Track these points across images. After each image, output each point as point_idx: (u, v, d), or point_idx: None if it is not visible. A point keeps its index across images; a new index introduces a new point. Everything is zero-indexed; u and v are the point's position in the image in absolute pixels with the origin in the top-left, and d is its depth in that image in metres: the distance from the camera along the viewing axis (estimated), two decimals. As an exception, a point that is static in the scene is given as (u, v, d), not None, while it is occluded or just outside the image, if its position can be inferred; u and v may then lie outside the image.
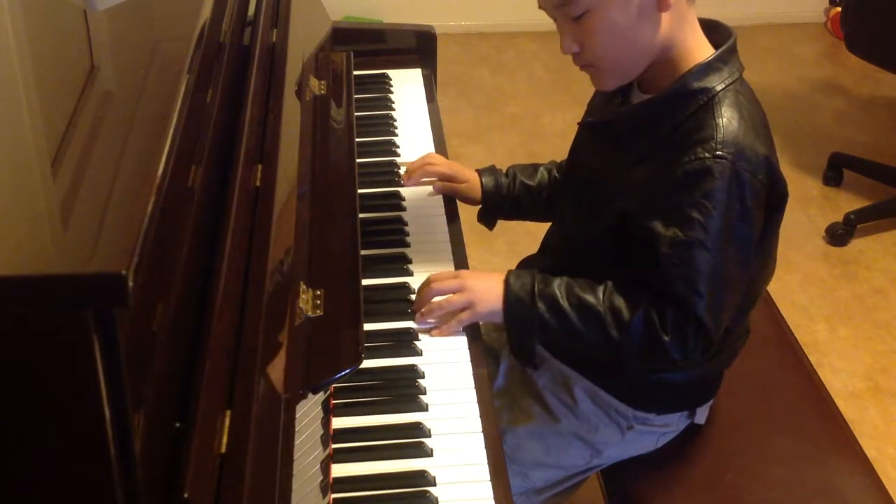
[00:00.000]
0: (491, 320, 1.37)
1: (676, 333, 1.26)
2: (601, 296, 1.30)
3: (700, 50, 1.30)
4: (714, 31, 1.34)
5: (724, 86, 1.27)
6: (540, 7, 1.30)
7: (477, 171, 1.64)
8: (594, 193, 1.39)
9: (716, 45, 1.32)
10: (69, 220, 0.79)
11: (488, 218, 1.65)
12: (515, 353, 1.40)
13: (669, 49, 1.29)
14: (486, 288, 1.34)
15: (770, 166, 1.27)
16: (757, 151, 1.24)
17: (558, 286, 1.32)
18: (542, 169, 1.63)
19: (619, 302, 1.29)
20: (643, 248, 1.27)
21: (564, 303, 1.30)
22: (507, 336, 1.36)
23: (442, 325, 1.34)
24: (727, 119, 1.24)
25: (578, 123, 1.50)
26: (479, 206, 1.63)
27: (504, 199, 1.62)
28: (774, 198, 1.30)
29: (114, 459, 0.74)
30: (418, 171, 1.63)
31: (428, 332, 1.34)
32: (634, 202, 1.29)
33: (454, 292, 1.34)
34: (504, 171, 1.64)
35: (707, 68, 1.27)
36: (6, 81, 0.96)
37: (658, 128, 1.29)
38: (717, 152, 1.22)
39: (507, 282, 1.34)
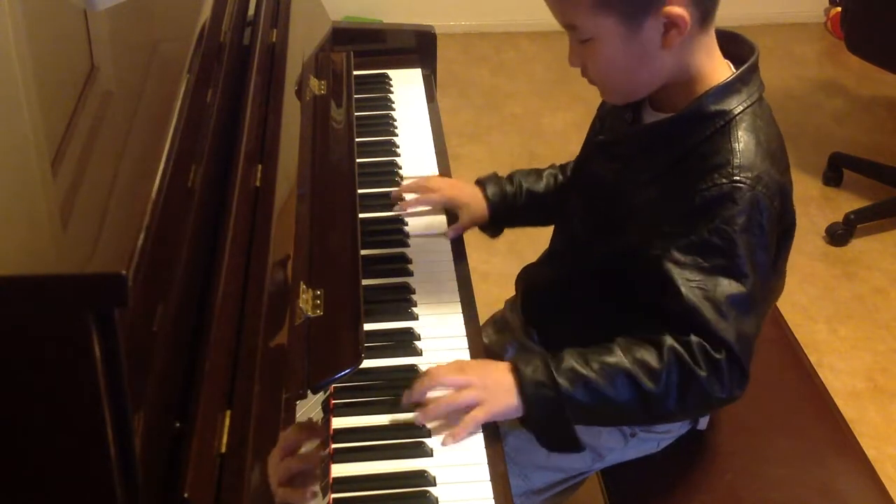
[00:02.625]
0: (507, 417, 1.22)
1: (709, 365, 1.18)
2: (620, 352, 1.20)
3: (717, 71, 1.27)
4: (733, 42, 1.31)
5: (742, 108, 1.24)
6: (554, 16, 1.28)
7: (478, 181, 1.59)
8: (605, 209, 1.37)
9: (734, 59, 1.29)
10: (69, 220, 0.80)
11: (493, 228, 1.61)
12: (550, 446, 1.26)
13: (683, 73, 1.26)
14: (497, 380, 1.21)
15: (784, 194, 1.25)
16: (773, 177, 1.23)
17: (572, 357, 1.21)
18: (546, 174, 1.60)
19: (641, 352, 1.20)
20: (656, 274, 1.22)
21: (586, 371, 1.19)
22: (532, 429, 1.23)
23: (457, 429, 1.19)
24: (744, 144, 1.22)
25: (587, 142, 1.48)
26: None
27: (510, 208, 1.57)
28: (785, 224, 1.28)
29: (114, 459, 0.74)
30: (415, 202, 1.58)
31: (431, 428, 1.21)
32: (647, 225, 1.27)
33: (459, 387, 1.21)
34: (507, 177, 1.60)
35: (725, 90, 1.24)
36: (6, 81, 0.96)
37: (671, 149, 1.27)
38: (735, 177, 1.20)
39: (517, 370, 1.21)
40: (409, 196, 1.59)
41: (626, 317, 1.27)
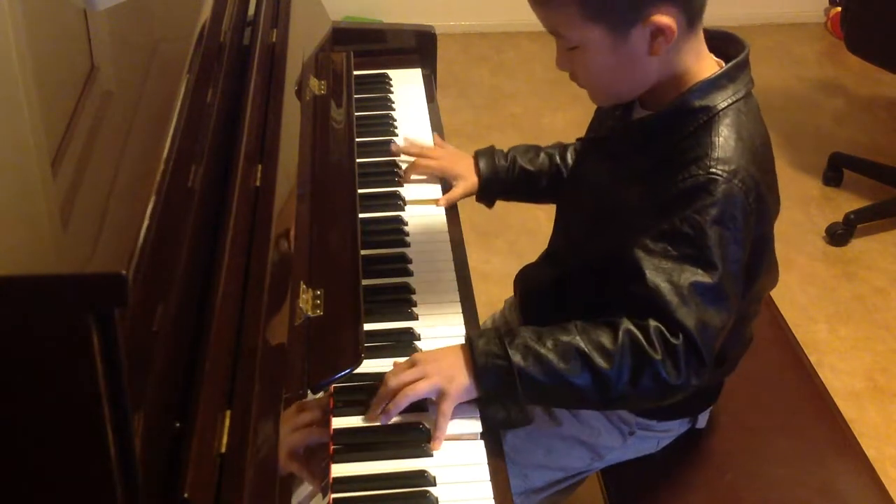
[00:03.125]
0: (468, 396, 1.21)
1: (665, 349, 1.17)
2: (575, 331, 1.20)
3: (705, 70, 1.26)
4: (725, 41, 1.31)
5: (726, 104, 1.24)
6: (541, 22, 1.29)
7: (475, 153, 1.63)
8: (599, 209, 1.37)
9: (727, 58, 1.29)
10: (69, 220, 0.79)
11: (485, 199, 1.65)
12: (502, 424, 1.24)
13: (671, 74, 1.26)
14: (450, 363, 1.21)
15: (760, 193, 1.23)
16: (751, 173, 1.22)
17: (526, 333, 1.21)
18: (543, 154, 1.62)
19: (597, 332, 1.20)
20: (627, 262, 1.22)
21: (540, 347, 1.19)
22: (485, 407, 1.22)
23: (435, 433, 1.19)
24: (724, 138, 1.22)
25: (578, 139, 1.49)
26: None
27: (501, 184, 1.61)
28: (760, 229, 1.27)
29: (114, 459, 0.74)
30: (413, 168, 1.65)
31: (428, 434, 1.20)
32: (634, 222, 1.26)
33: (416, 380, 1.21)
34: (504, 151, 1.63)
35: (710, 86, 1.25)
36: (6, 81, 0.96)
37: (656, 146, 1.27)
38: (712, 169, 1.20)
39: (469, 343, 1.22)
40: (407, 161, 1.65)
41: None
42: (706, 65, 1.28)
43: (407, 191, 1.60)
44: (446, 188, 1.63)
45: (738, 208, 1.21)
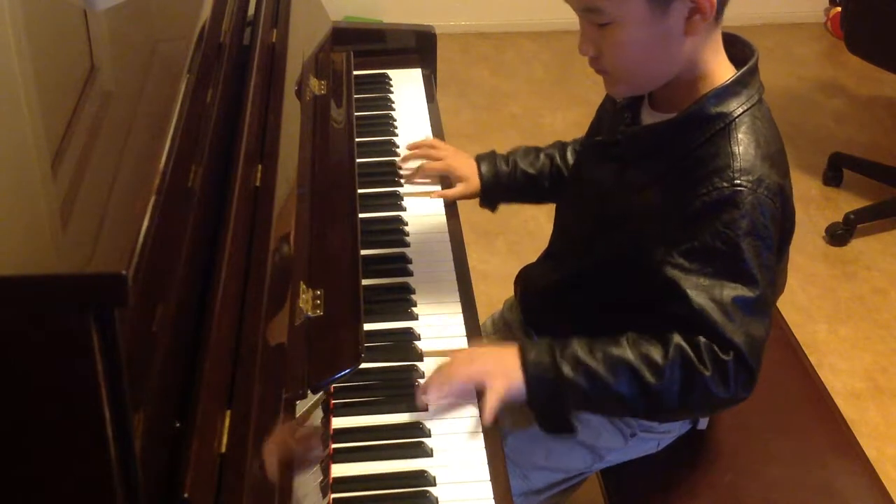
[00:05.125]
0: (513, 398, 1.23)
1: (716, 366, 1.18)
2: (626, 345, 1.21)
3: (720, 71, 1.26)
4: (732, 44, 1.30)
5: (742, 110, 1.23)
6: (566, 0, 1.25)
7: (476, 157, 1.63)
8: (603, 210, 1.36)
9: (733, 60, 1.28)
10: (69, 220, 0.79)
11: (489, 203, 1.64)
12: (546, 427, 1.27)
13: (690, 69, 1.25)
14: (499, 359, 1.24)
15: (784, 196, 1.24)
16: (773, 180, 1.22)
17: (578, 345, 1.22)
18: (542, 155, 1.61)
19: (647, 347, 1.20)
20: (660, 278, 1.22)
21: (590, 360, 1.21)
22: (534, 411, 1.25)
23: (483, 419, 1.22)
24: (744, 147, 1.21)
25: (583, 142, 1.47)
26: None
27: (504, 188, 1.61)
28: (785, 227, 1.28)
29: (114, 459, 0.74)
30: (419, 171, 1.64)
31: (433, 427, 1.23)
32: (647, 227, 1.26)
33: (469, 380, 1.24)
34: (505, 155, 1.62)
35: (725, 92, 1.24)
36: (6, 81, 0.96)
37: (671, 151, 1.26)
38: (736, 181, 1.19)
39: (521, 350, 1.24)
40: (412, 163, 1.65)
41: (625, 317, 1.27)
42: (722, 66, 1.27)
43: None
44: (446, 185, 1.63)
45: (766, 216, 1.20)
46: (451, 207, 1.60)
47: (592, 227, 1.40)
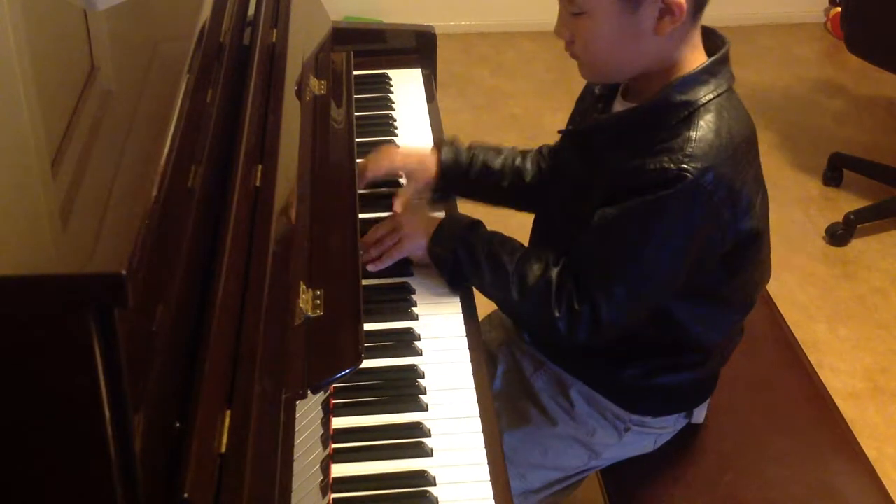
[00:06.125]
0: (415, 253, 1.43)
1: (567, 310, 1.28)
2: (515, 257, 1.34)
3: (694, 65, 1.27)
4: (707, 37, 1.30)
5: (707, 98, 1.24)
6: None
7: (437, 141, 1.64)
8: (576, 199, 1.37)
9: (709, 53, 1.29)
10: (69, 220, 0.79)
11: (442, 191, 1.58)
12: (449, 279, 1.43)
13: (663, 62, 1.27)
14: (417, 225, 1.43)
15: (731, 190, 1.23)
16: (724, 173, 1.22)
17: (484, 237, 1.38)
18: (505, 154, 1.57)
19: (528, 267, 1.32)
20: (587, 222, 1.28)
21: (480, 255, 1.36)
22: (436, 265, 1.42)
23: (379, 259, 1.43)
24: (702, 133, 1.22)
25: (559, 131, 1.49)
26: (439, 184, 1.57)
27: (463, 176, 1.56)
28: (744, 225, 1.27)
29: (114, 459, 0.74)
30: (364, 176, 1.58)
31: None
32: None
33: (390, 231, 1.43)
34: (467, 146, 1.59)
35: (692, 80, 1.24)
36: (6, 81, 0.96)
37: (637, 138, 1.26)
38: (683, 165, 1.20)
39: (437, 227, 1.41)
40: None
41: None
42: (696, 60, 1.28)
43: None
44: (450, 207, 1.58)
45: (699, 207, 1.22)
46: (450, 207, 1.60)
47: (567, 217, 1.40)
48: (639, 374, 1.41)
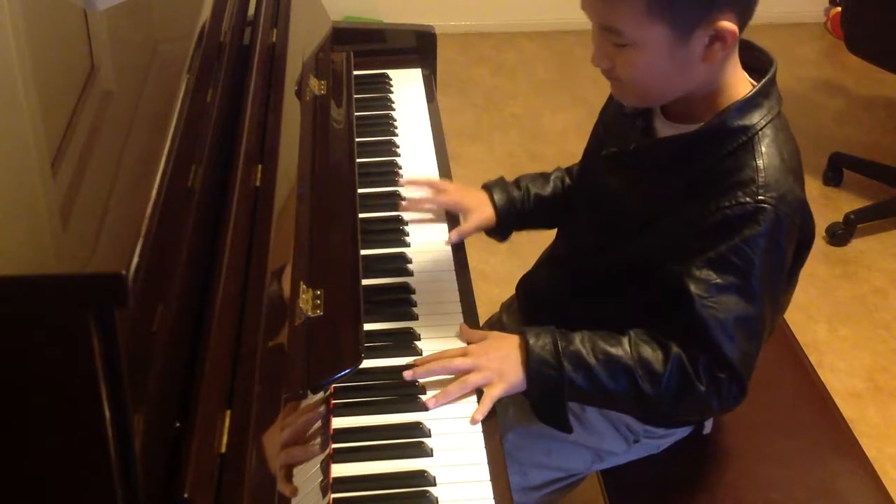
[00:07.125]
0: (513, 392, 1.25)
1: (711, 382, 1.21)
2: (628, 348, 1.23)
3: (739, 84, 1.25)
4: (747, 51, 1.28)
5: (764, 122, 1.22)
6: (582, 8, 1.23)
7: (484, 186, 1.57)
8: (616, 220, 1.35)
9: (748, 67, 1.27)
10: (69, 220, 0.79)
11: (501, 232, 1.57)
12: (543, 419, 1.29)
13: (709, 84, 1.24)
14: (502, 357, 1.25)
15: (805, 211, 1.24)
16: (796, 195, 1.21)
17: (581, 341, 1.24)
18: (553, 178, 1.57)
19: (648, 352, 1.22)
20: (668, 286, 1.23)
21: (591, 359, 1.23)
22: (531, 402, 1.26)
23: (476, 412, 1.23)
24: (768, 160, 1.20)
25: (586, 150, 1.46)
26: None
27: (517, 214, 1.55)
28: (804, 237, 1.27)
29: (114, 459, 0.74)
30: (422, 201, 1.56)
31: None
32: (665, 237, 1.26)
33: (467, 370, 1.25)
34: (514, 182, 1.57)
35: (748, 105, 1.22)
36: (6, 81, 0.96)
37: (692, 164, 1.24)
38: (760, 197, 1.18)
39: (526, 344, 1.24)
40: (414, 192, 1.57)
41: (630, 325, 1.27)
42: (740, 78, 1.26)
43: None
44: (453, 224, 1.55)
45: (783, 235, 1.20)
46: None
47: (604, 237, 1.38)
48: (684, 419, 1.40)
